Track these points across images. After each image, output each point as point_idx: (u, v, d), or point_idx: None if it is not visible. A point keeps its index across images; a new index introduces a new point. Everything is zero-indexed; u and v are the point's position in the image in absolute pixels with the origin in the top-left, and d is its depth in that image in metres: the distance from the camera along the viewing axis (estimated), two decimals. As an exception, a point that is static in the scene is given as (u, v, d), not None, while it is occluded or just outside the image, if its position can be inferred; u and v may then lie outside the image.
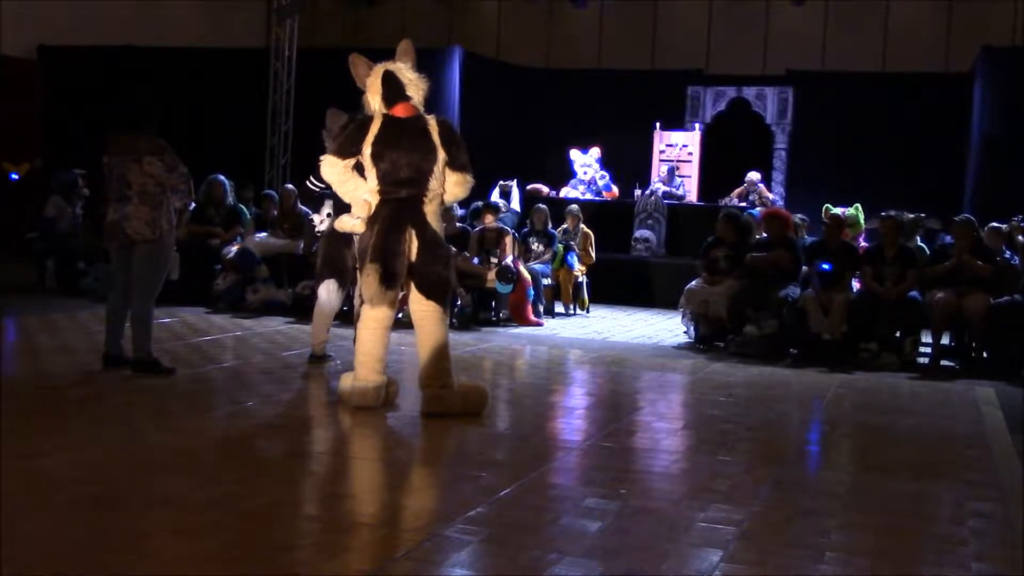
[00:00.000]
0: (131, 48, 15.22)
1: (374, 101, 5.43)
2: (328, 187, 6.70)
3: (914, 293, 8.26)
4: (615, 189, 13.61)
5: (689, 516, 3.82)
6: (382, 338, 5.45)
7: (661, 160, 13.99)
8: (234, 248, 10.00)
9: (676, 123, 14.38)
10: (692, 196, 13.73)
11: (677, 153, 14.04)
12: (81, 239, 10.73)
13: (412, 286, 5.40)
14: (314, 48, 15.94)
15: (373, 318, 5.39)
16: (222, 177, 10.43)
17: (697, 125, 14.33)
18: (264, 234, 10.17)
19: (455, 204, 10.53)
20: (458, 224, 10.26)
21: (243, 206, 11.29)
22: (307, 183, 6.74)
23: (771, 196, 13.32)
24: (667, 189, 12.97)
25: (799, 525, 3.79)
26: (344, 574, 3.11)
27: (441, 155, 5.38)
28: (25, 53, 15.18)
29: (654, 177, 13.65)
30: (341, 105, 6.73)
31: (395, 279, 5.29)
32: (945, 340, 8.44)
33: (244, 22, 17.85)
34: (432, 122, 5.43)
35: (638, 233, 12.38)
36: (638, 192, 13.10)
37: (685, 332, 9.09)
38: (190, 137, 6.44)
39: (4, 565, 2.99)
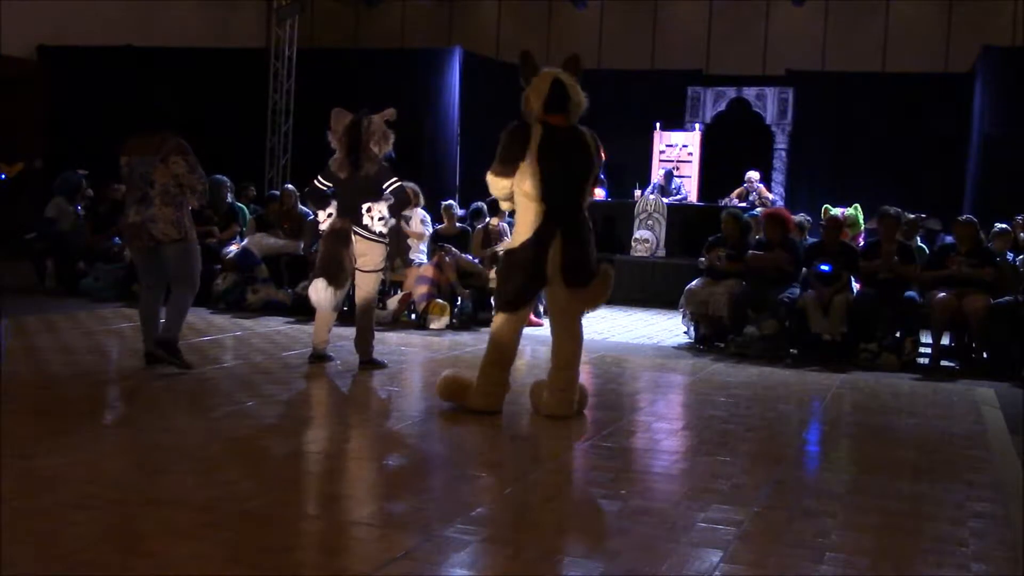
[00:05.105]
0: (131, 48, 15.23)
1: (536, 102, 5.39)
2: (333, 188, 6.72)
3: (914, 293, 8.27)
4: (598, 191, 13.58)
5: (689, 516, 3.82)
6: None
7: (661, 160, 13.99)
8: (234, 248, 10.01)
9: (676, 123, 14.38)
10: (692, 196, 13.72)
11: (677, 153, 14.04)
12: (84, 239, 10.76)
13: (558, 286, 5.39)
14: (314, 48, 15.96)
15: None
16: (221, 177, 10.43)
17: (697, 125, 14.34)
18: (263, 234, 10.17)
19: (454, 203, 10.59)
20: (458, 224, 10.27)
21: (242, 206, 11.31)
22: (316, 182, 6.73)
23: (771, 196, 13.32)
24: (668, 201, 12.84)
25: (799, 525, 3.79)
26: (344, 574, 3.11)
27: (596, 168, 5.45)
28: (25, 53, 15.18)
29: (654, 178, 13.65)
30: (344, 105, 6.73)
31: (525, 300, 5.46)
32: (945, 340, 8.44)
33: (244, 22, 17.87)
34: (587, 135, 5.45)
35: (638, 233, 12.38)
36: (638, 192, 13.10)
37: (685, 332, 9.09)
38: (190, 137, 6.44)
39: (4, 565, 2.99)
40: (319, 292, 6.47)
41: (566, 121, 5.41)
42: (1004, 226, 9.01)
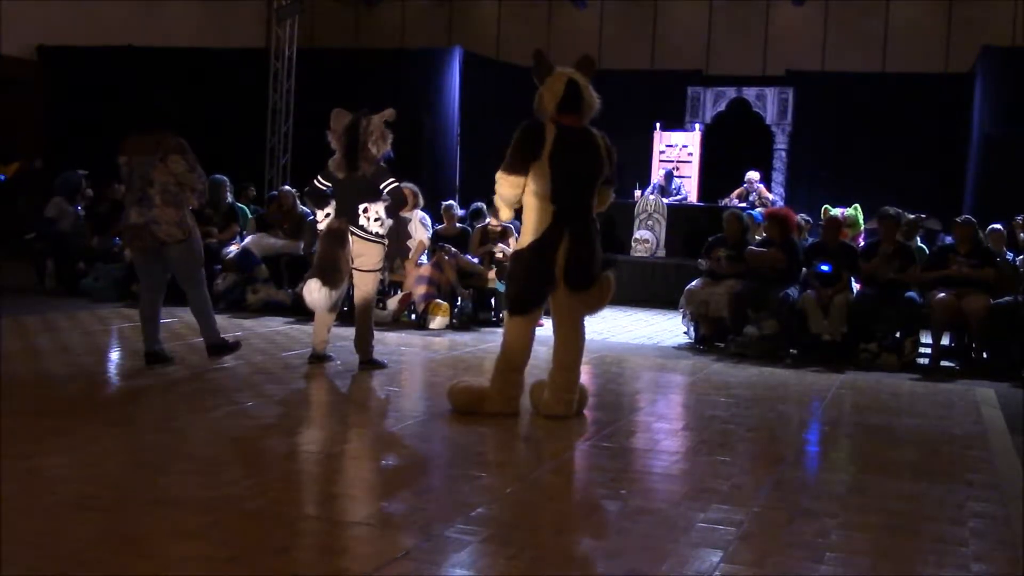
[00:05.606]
0: (131, 48, 15.24)
1: (550, 102, 5.35)
2: (331, 188, 6.71)
3: (914, 293, 8.27)
4: None
5: (689, 516, 3.82)
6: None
7: (661, 161, 13.98)
8: (234, 248, 10.01)
9: (676, 123, 14.38)
10: (692, 197, 13.72)
11: (677, 153, 14.04)
12: (84, 239, 10.76)
13: (561, 288, 5.39)
14: (314, 48, 15.96)
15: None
16: (220, 177, 10.43)
17: (697, 125, 14.34)
18: (263, 234, 10.16)
19: (454, 203, 10.60)
20: (458, 224, 10.27)
21: (243, 206, 11.30)
22: (315, 182, 6.71)
23: (771, 196, 13.32)
24: (668, 202, 12.82)
25: (799, 525, 3.79)
26: (344, 574, 3.11)
27: (605, 170, 5.43)
28: (25, 53, 15.18)
29: (654, 178, 13.65)
30: (344, 105, 6.72)
31: (535, 302, 5.44)
32: (945, 340, 8.44)
33: (244, 22, 17.87)
34: (598, 136, 5.45)
35: (638, 234, 12.38)
36: (638, 192, 13.10)
37: (685, 332, 9.09)
38: (190, 137, 6.45)
39: (4, 565, 2.99)
40: (312, 293, 6.46)
41: (579, 122, 5.40)
42: (997, 226, 9.02)
